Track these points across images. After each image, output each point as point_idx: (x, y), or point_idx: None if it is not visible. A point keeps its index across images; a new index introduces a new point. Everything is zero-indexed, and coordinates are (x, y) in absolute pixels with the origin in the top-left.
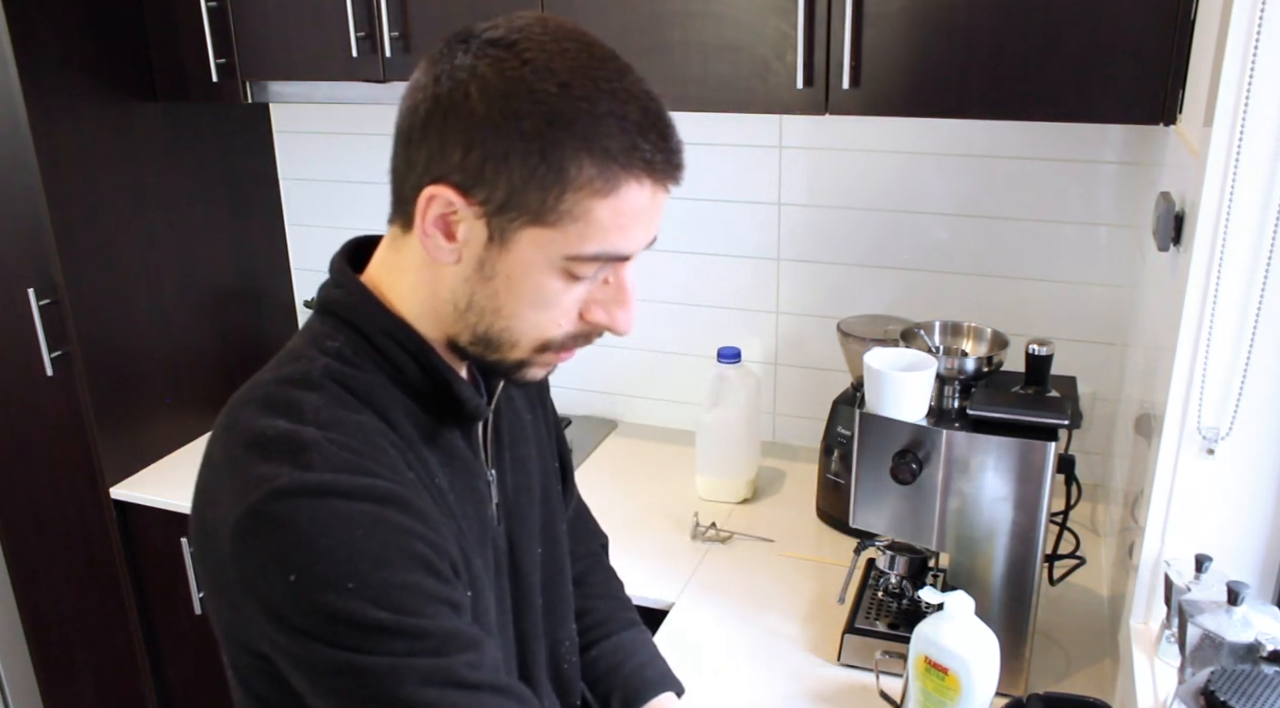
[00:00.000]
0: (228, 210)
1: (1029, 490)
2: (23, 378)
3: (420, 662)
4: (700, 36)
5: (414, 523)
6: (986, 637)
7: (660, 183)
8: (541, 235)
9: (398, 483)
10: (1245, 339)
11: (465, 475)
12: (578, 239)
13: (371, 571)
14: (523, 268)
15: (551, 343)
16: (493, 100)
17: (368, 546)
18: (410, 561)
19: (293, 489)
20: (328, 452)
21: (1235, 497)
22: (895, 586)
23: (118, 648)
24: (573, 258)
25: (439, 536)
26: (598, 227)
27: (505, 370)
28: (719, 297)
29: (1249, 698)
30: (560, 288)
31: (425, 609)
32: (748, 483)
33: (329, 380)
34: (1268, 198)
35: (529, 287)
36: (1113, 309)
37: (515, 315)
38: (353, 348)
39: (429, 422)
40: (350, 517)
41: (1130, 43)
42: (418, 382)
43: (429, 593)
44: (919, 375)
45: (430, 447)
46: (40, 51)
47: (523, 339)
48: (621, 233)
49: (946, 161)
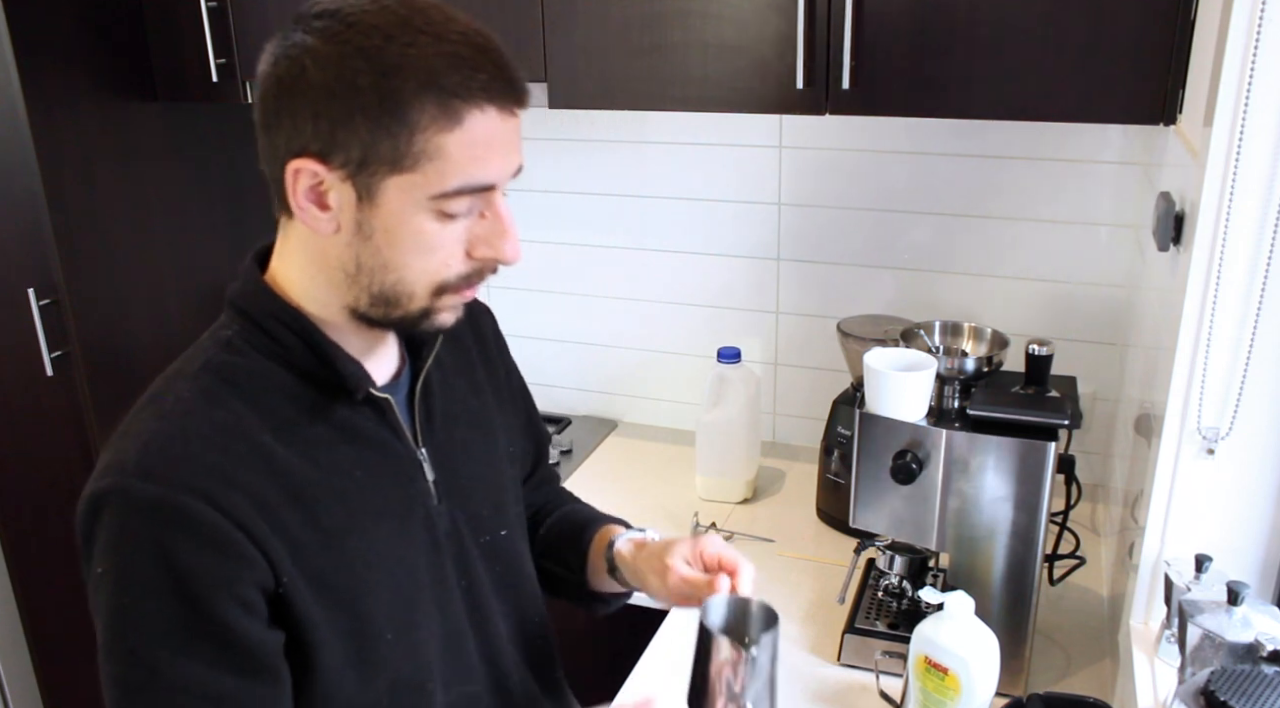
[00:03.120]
0: (228, 210)
1: (1029, 490)
2: (23, 378)
3: None
4: (700, 36)
5: (205, 559)
6: (986, 637)
7: (504, 108)
8: (404, 182)
9: (212, 491)
10: (1245, 339)
11: (375, 452)
12: (438, 177)
13: (121, 594)
14: (396, 218)
15: (446, 285)
16: (327, 67)
17: (133, 564)
18: (177, 604)
19: (115, 490)
20: (164, 458)
21: (1235, 497)
22: (895, 586)
23: None
24: (438, 196)
25: (232, 553)
26: (452, 161)
27: (414, 323)
28: (719, 297)
29: (1249, 698)
30: (437, 230)
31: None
32: (748, 483)
33: (206, 372)
34: (1268, 198)
35: (407, 235)
36: (1113, 309)
37: (402, 266)
38: (243, 336)
39: (321, 401)
40: (142, 533)
41: (1130, 43)
42: (306, 361)
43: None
44: (919, 375)
45: (321, 425)
46: (40, 51)
47: (416, 288)
48: (477, 163)
49: (946, 161)
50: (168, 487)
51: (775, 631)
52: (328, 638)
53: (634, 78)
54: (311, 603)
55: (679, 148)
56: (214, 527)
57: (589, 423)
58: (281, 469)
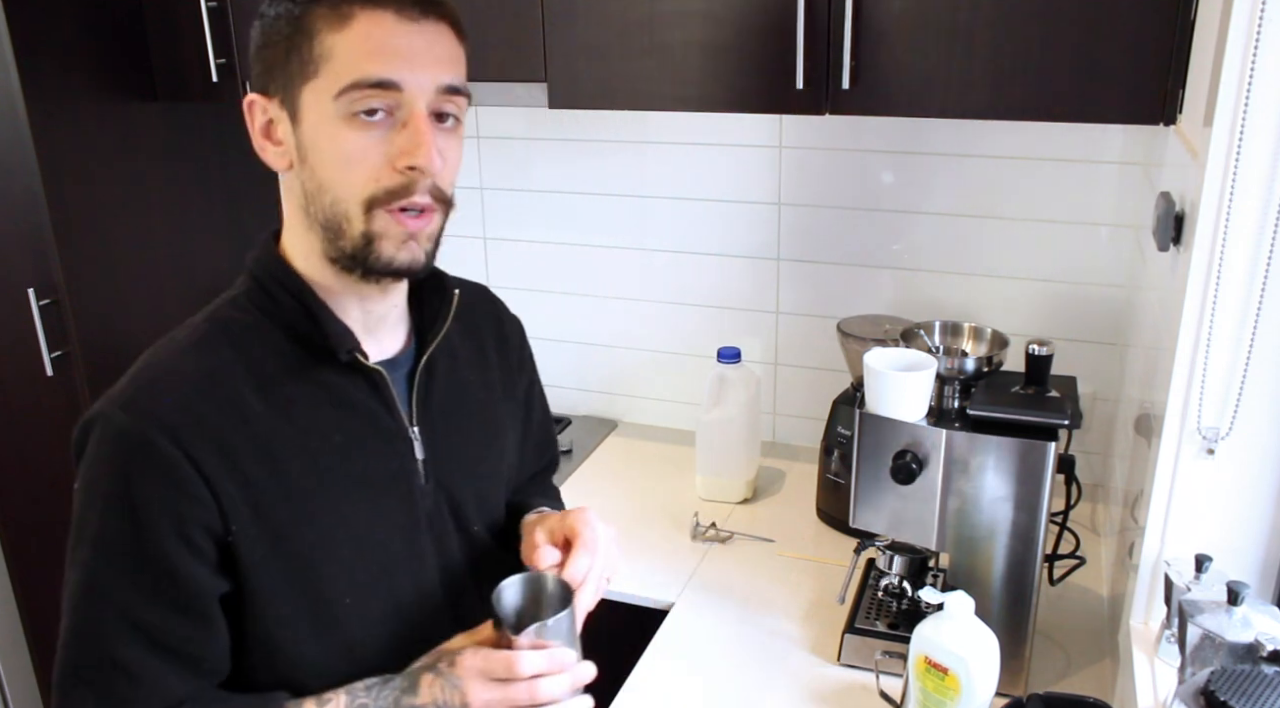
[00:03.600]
0: (227, 210)
1: (1029, 490)
2: (23, 378)
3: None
4: (700, 36)
5: (158, 491)
6: (986, 637)
7: (401, 12)
8: (314, 88)
9: (179, 431)
10: (1245, 339)
11: (362, 421)
12: (335, 76)
13: (88, 508)
14: (317, 130)
15: (375, 198)
16: (263, 15)
17: (101, 484)
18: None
19: (100, 415)
20: (147, 393)
21: (1235, 497)
22: (895, 586)
23: None
24: (341, 94)
25: (185, 491)
26: (346, 58)
27: (364, 255)
28: (719, 297)
29: (1249, 698)
30: (354, 137)
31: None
32: (748, 483)
33: (208, 322)
34: (1268, 198)
35: (328, 146)
36: (1113, 309)
37: (332, 182)
38: (248, 295)
39: (309, 361)
40: (112, 457)
41: (1130, 43)
42: (298, 321)
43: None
44: (919, 375)
45: (305, 385)
46: (40, 51)
47: (347, 205)
48: (373, 59)
49: (946, 161)
50: (141, 420)
51: (563, 611)
52: (280, 590)
53: (634, 78)
54: (265, 554)
55: (679, 148)
56: (173, 464)
57: (589, 423)
58: (254, 419)
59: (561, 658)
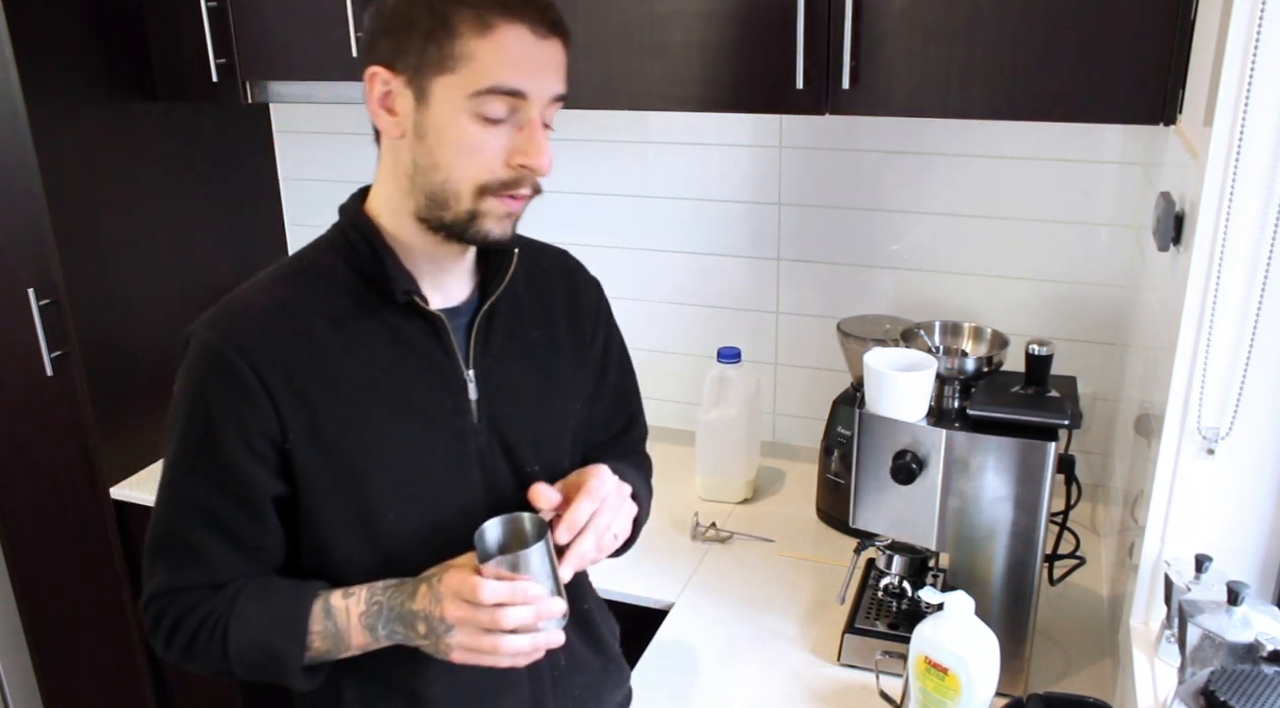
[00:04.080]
0: (228, 210)
1: (1029, 490)
2: (23, 378)
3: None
4: (700, 36)
5: (228, 399)
6: (986, 637)
7: (535, 29)
8: (448, 82)
9: (251, 350)
10: (1245, 339)
11: (419, 359)
12: (473, 77)
13: (177, 408)
14: (443, 118)
15: (488, 186)
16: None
17: (186, 389)
18: (207, 425)
19: (191, 331)
20: (229, 316)
21: (1235, 497)
22: (895, 586)
23: (117, 648)
24: (473, 95)
25: (249, 402)
26: (486, 64)
27: (464, 227)
28: (719, 297)
29: (1249, 698)
30: (478, 132)
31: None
32: (748, 483)
33: (292, 260)
34: (1268, 198)
35: (452, 133)
36: (1113, 309)
37: (449, 165)
38: (329, 239)
39: (375, 301)
40: (195, 366)
41: (1130, 43)
42: (367, 263)
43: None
44: (919, 375)
45: (369, 321)
46: (40, 51)
47: (460, 187)
48: (506, 69)
49: (946, 161)
50: (220, 338)
51: (538, 545)
52: (329, 498)
53: (634, 78)
54: (318, 464)
55: (679, 148)
56: (241, 378)
57: None
58: (321, 348)
59: (524, 590)
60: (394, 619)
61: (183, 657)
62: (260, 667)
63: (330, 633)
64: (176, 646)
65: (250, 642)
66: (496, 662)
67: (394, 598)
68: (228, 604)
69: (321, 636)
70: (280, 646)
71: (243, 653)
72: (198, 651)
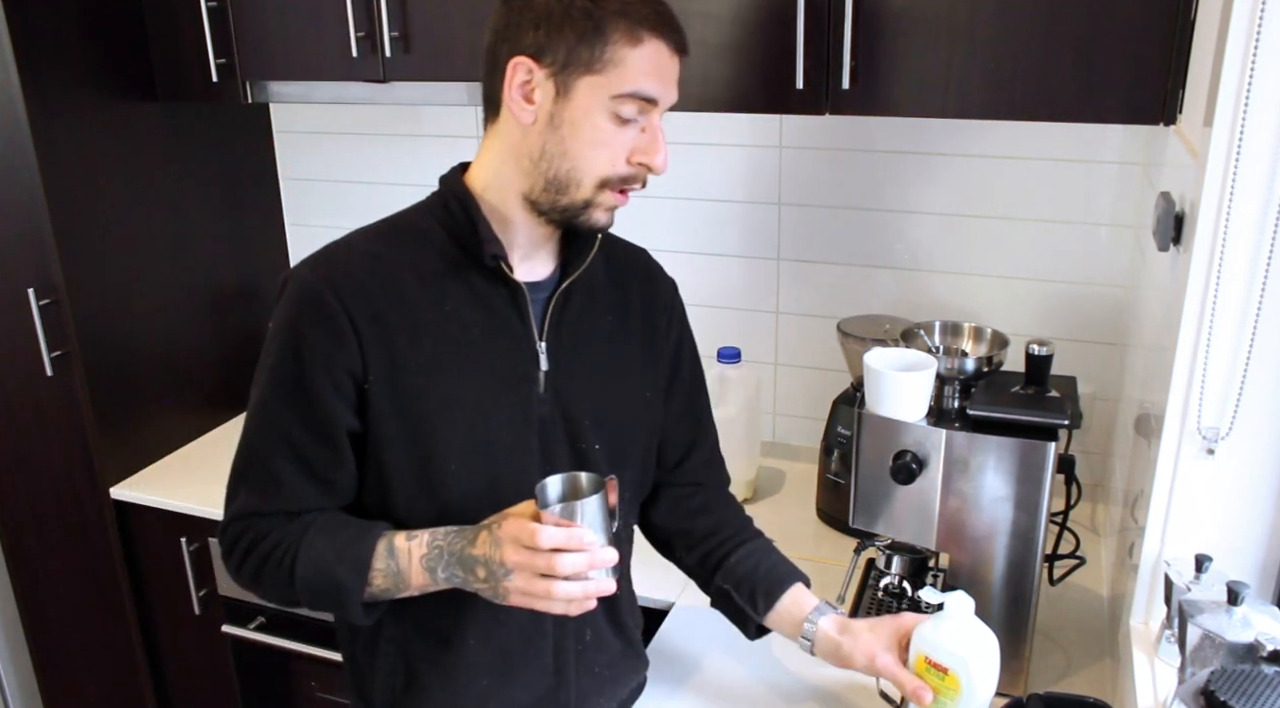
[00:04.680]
0: (228, 210)
1: (1029, 490)
2: (23, 378)
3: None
4: (700, 36)
5: (319, 335)
6: (986, 637)
7: (671, 45)
8: (594, 81)
9: (345, 294)
10: (1245, 339)
11: (497, 324)
12: (619, 80)
13: (272, 341)
14: (582, 111)
15: (609, 181)
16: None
17: (282, 324)
18: (299, 359)
19: (292, 271)
20: (328, 261)
21: (1235, 497)
22: (895, 585)
23: (118, 648)
24: (617, 97)
25: (338, 339)
26: (631, 70)
27: (575, 214)
28: (719, 297)
29: (1249, 698)
30: (611, 129)
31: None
32: (748, 483)
33: (391, 220)
34: (1268, 198)
35: (588, 128)
36: (1113, 309)
37: (579, 156)
38: (428, 205)
39: (464, 264)
40: (293, 303)
41: (1130, 43)
42: (461, 228)
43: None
44: (919, 375)
45: (456, 282)
46: (40, 51)
47: (585, 177)
48: (648, 78)
49: (946, 161)
50: (318, 279)
51: (594, 496)
52: (398, 440)
53: None
54: (392, 408)
55: (679, 148)
56: (334, 316)
57: None
58: (409, 300)
59: (580, 536)
60: (454, 563)
61: (252, 581)
62: (323, 596)
63: (391, 572)
64: (248, 569)
65: (316, 571)
66: (550, 606)
67: (455, 543)
68: (299, 534)
69: (383, 574)
70: (344, 577)
71: (308, 581)
72: (267, 575)
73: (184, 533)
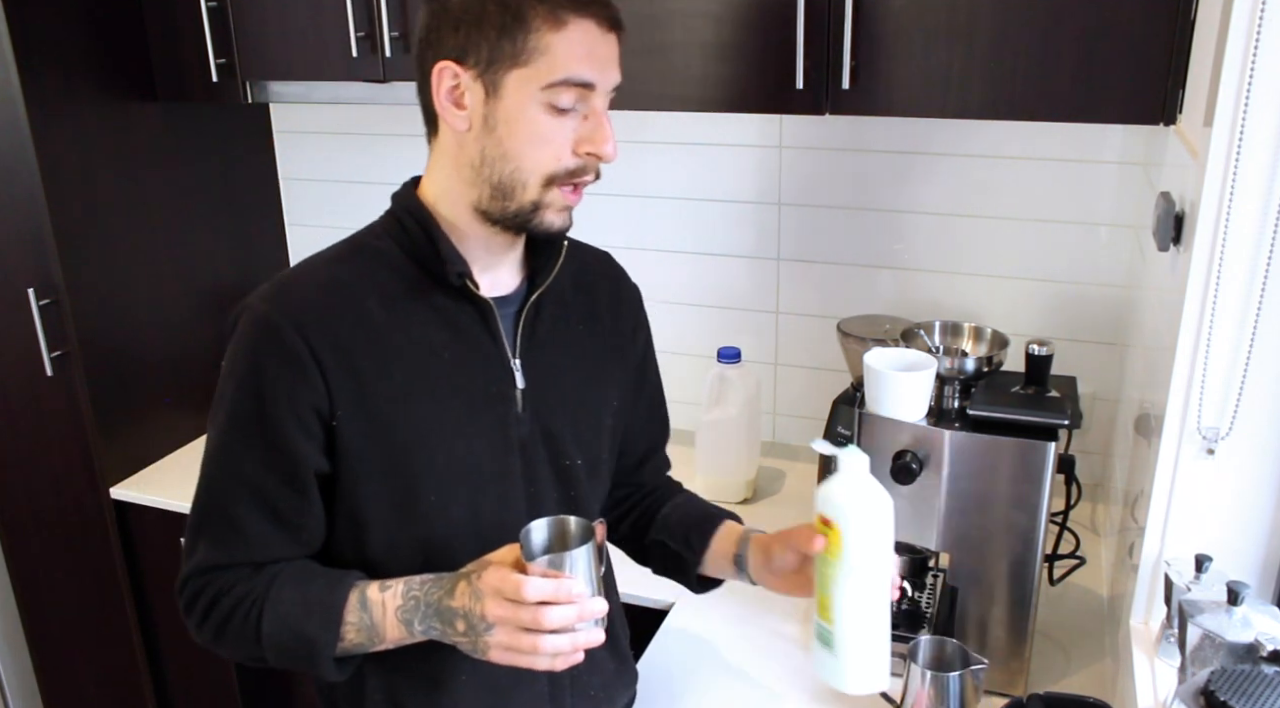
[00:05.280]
0: (228, 210)
1: (1029, 490)
2: (23, 378)
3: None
4: (700, 36)
5: (280, 371)
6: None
7: (601, 23)
8: (522, 75)
9: (305, 325)
10: (1245, 339)
11: (467, 345)
12: (547, 69)
13: (227, 381)
14: (516, 109)
15: (555, 176)
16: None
17: (238, 361)
18: (255, 394)
19: (245, 304)
20: (283, 292)
21: (1235, 497)
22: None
23: (117, 648)
24: (549, 87)
25: (301, 374)
26: (559, 56)
27: (525, 217)
28: (719, 297)
29: (1249, 698)
30: (549, 122)
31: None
32: (748, 483)
33: (346, 244)
34: (1268, 198)
35: (524, 125)
36: (1113, 309)
37: (519, 156)
38: (384, 225)
39: (426, 284)
40: (249, 338)
41: (1130, 43)
42: (420, 247)
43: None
44: (919, 375)
45: (421, 303)
46: (40, 52)
47: (529, 177)
48: (579, 61)
49: (946, 161)
50: (275, 312)
51: (584, 546)
52: (373, 475)
53: (634, 78)
54: (364, 442)
55: (679, 148)
56: (295, 351)
57: None
58: (373, 327)
59: (568, 588)
60: (431, 616)
61: (214, 640)
62: (292, 653)
63: (365, 625)
64: (210, 627)
65: (283, 626)
66: (534, 663)
67: (431, 594)
68: (264, 587)
69: (356, 628)
70: (313, 633)
71: (275, 638)
72: (231, 632)
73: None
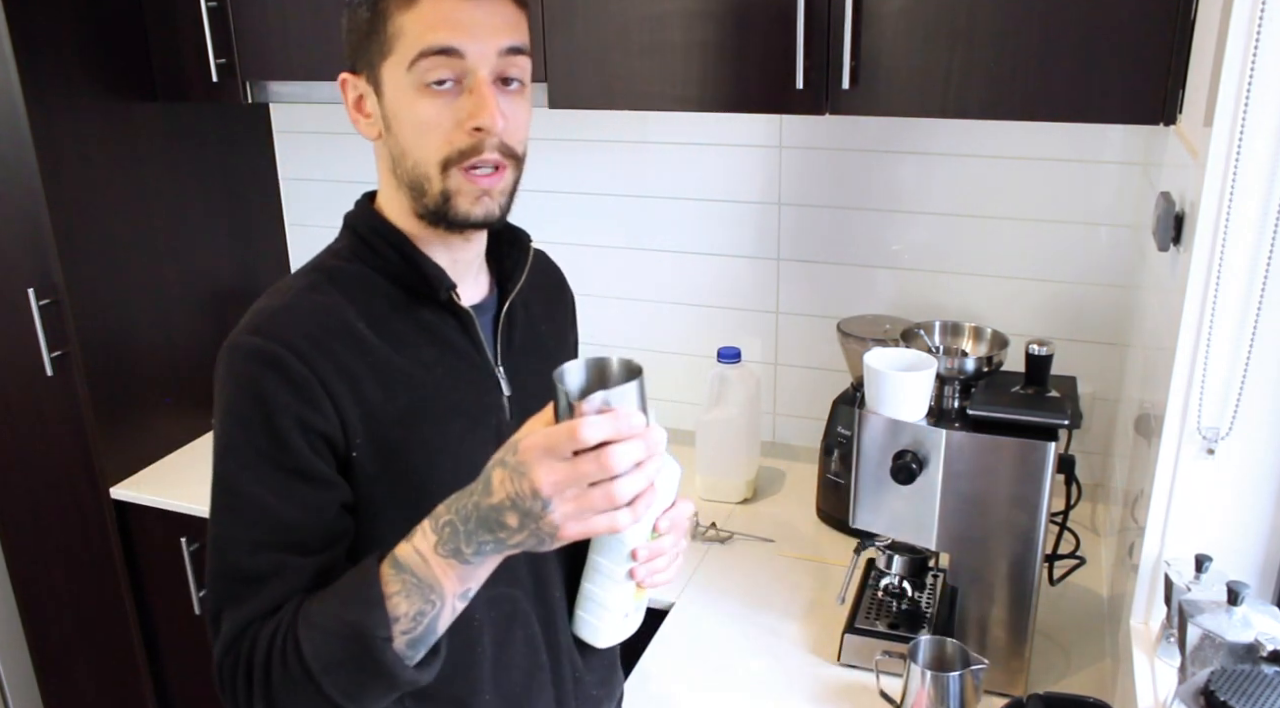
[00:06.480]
0: (228, 210)
1: (1029, 490)
2: (23, 378)
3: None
4: (700, 36)
5: (291, 400)
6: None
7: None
8: (391, 65)
9: (306, 354)
10: (1245, 339)
11: (456, 358)
12: (407, 48)
13: (229, 424)
14: (397, 99)
15: (449, 159)
16: (345, 6)
17: (241, 395)
18: (262, 429)
19: (230, 344)
20: (273, 322)
21: (1235, 497)
22: (895, 586)
23: (117, 648)
24: (412, 66)
25: (310, 399)
26: (414, 32)
27: (443, 211)
28: (719, 297)
29: (1249, 698)
30: (428, 105)
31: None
32: (748, 483)
33: (315, 271)
34: (1268, 198)
35: (407, 114)
36: (1113, 309)
37: (413, 146)
38: (350, 248)
39: (411, 303)
40: (248, 374)
41: (1130, 43)
42: (398, 268)
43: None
44: (919, 375)
45: (408, 323)
46: (40, 52)
47: (428, 167)
48: (436, 30)
49: (946, 161)
50: (268, 339)
51: (631, 382)
52: (387, 505)
53: (634, 78)
54: (380, 471)
55: (679, 148)
56: (300, 375)
57: None
58: (369, 350)
59: (631, 422)
60: (477, 528)
61: (265, 700)
62: (347, 663)
63: (412, 585)
64: (258, 690)
65: (324, 636)
66: (615, 520)
67: (464, 506)
68: (290, 614)
69: (402, 594)
70: (356, 619)
71: (320, 654)
72: (276, 680)
73: (184, 533)
